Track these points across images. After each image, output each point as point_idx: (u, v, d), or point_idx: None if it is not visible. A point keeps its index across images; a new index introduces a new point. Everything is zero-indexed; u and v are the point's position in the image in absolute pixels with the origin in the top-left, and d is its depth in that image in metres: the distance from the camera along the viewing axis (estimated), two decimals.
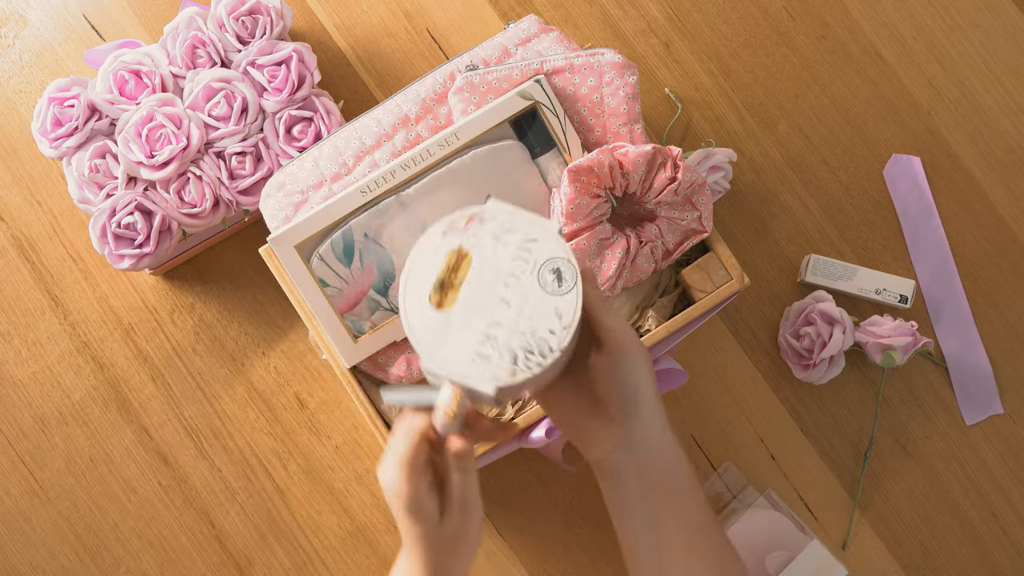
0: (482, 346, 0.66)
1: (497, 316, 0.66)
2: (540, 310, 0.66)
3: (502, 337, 0.66)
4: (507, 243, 0.67)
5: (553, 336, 0.66)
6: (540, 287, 0.67)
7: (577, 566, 1.02)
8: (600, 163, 0.84)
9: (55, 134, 0.96)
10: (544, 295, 0.67)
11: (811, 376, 1.01)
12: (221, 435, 1.03)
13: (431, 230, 0.68)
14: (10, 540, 1.02)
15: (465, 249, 0.67)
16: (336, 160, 0.89)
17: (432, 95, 0.90)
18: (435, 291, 0.67)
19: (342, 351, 0.89)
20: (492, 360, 0.65)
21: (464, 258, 0.67)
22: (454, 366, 0.66)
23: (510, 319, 0.66)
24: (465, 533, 0.71)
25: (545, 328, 0.66)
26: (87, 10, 1.08)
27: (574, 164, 0.84)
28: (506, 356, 0.66)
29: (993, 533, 1.03)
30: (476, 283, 0.67)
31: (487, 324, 0.66)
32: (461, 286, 0.67)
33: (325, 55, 1.08)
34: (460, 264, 0.67)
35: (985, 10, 1.09)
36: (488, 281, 0.67)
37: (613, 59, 0.88)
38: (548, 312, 0.66)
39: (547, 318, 0.66)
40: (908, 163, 1.07)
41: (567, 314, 0.66)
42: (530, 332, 0.66)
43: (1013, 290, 1.06)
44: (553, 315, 0.66)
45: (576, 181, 0.85)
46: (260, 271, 1.05)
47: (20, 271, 1.05)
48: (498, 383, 0.65)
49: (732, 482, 1.03)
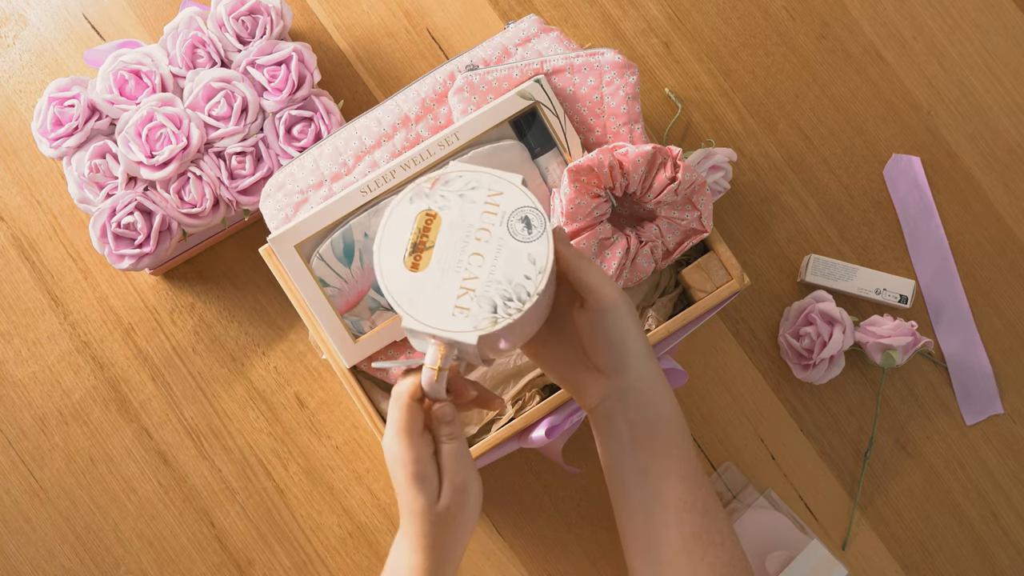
0: (460, 299, 0.67)
1: (472, 269, 0.68)
2: (513, 258, 0.68)
3: (479, 288, 0.67)
4: (474, 200, 0.69)
5: (529, 281, 0.68)
6: (511, 236, 0.69)
7: (577, 566, 1.02)
8: (600, 163, 0.84)
9: (55, 134, 0.96)
10: (516, 243, 0.68)
11: (811, 376, 1.01)
12: (221, 435, 1.03)
13: (397, 198, 0.69)
14: (10, 540, 1.02)
15: (434, 210, 0.69)
16: (336, 160, 0.89)
17: (432, 95, 0.90)
18: (408, 255, 0.68)
19: (342, 351, 0.89)
20: (472, 312, 0.67)
21: (433, 219, 0.69)
22: (435, 322, 0.67)
23: (485, 270, 0.68)
24: (462, 506, 0.71)
25: (520, 274, 0.68)
26: (87, 10, 1.08)
27: (574, 164, 0.84)
28: (485, 306, 0.67)
29: (993, 533, 1.03)
30: (447, 241, 0.68)
31: (463, 278, 0.68)
32: (434, 247, 0.68)
33: (325, 55, 1.08)
34: (430, 226, 0.69)
35: (985, 10, 1.09)
36: (459, 238, 0.69)
37: (613, 59, 0.88)
38: (522, 259, 0.68)
39: (521, 264, 0.68)
40: (908, 163, 1.07)
41: (540, 258, 0.68)
42: (506, 280, 0.68)
43: (1013, 290, 1.06)
44: (527, 261, 0.68)
45: (576, 181, 0.85)
46: (260, 271, 1.05)
47: (20, 271, 1.05)
48: (480, 332, 0.66)
49: (732, 482, 1.03)
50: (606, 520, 1.03)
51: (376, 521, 1.03)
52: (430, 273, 0.68)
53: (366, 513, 1.03)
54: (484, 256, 0.68)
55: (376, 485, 1.03)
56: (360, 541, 1.03)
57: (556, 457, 0.97)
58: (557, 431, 0.89)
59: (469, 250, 0.68)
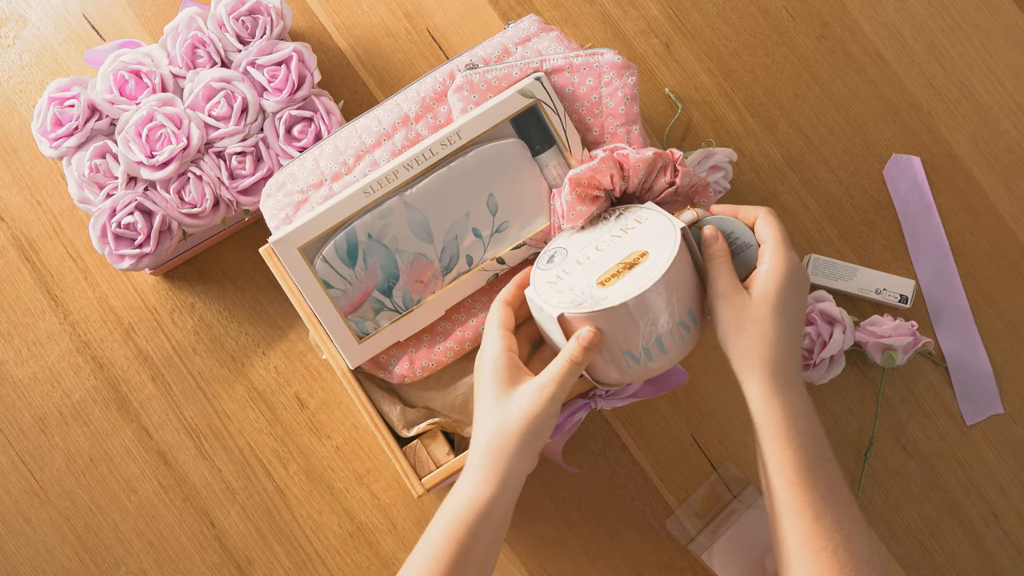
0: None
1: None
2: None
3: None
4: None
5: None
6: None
7: (577, 566, 1.02)
8: (601, 172, 0.84)
9: (55, 134, 0.96)
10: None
11: (811, 376, 1.01)
12: (221, 435, 1.03)
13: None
14: (10, 540, 1.02)
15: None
16: (336, 159, 0.89)
17: (432, 94, 0.90)
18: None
19: (346, 352, 0.89)
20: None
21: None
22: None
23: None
24: (531, 413, 0.75)
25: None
26: (87, 10, 1.08)
27: (574, 174, 0.84)
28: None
29: (993, 533, 1.03)
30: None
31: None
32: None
33: (325, 55, 1.08)
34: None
35: (985, 10, 1.09)
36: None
37: (612, 59, 0.88)
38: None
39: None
40: (908, 163, 1.07)
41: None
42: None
43: (1013, 290, 1.06)
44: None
45: (577, 188, 0.85)
46: (260, 271, 1.05)
47: (20, 271, 1.05)
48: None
49: (732, 482, 1.03)
50: (606, 520, 1.03)
51: (376, 521, 1.03)
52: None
53: (366, 513, 1.03)
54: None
55: (376, 485, 1.03)
56: (360, 541, 1.03)
57: (556, 457, 0.97)
58: (557, 431, 0.89)
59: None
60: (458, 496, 0.76)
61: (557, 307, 0.76)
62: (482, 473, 0.75)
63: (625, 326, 0.75)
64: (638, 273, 0.76)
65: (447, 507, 0.76)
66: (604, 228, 0.83)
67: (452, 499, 0.76)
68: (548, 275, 0.81)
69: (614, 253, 0.79)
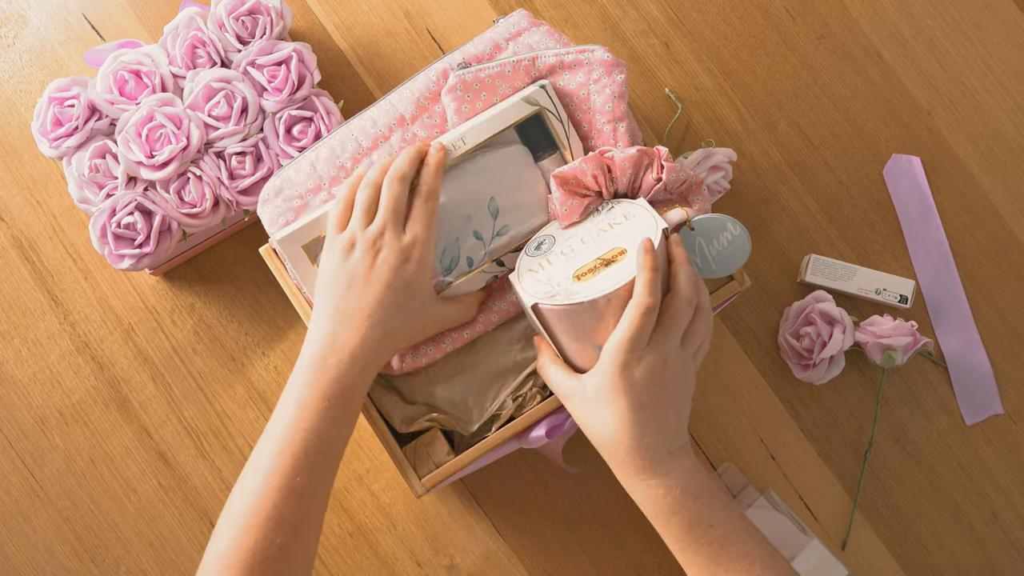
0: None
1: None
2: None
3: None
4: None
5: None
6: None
7: (577, 566, 1.02)
8: (583, 172, 0.85)
9: (55, 134, 0.96)
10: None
11: (811, 376, 1.01)
12: (221, 435, 1.03)
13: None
14: (10, 540, 1.02)
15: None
16: (334, 163, 0.89)
17: (427, 93, 0.89)
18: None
19: None
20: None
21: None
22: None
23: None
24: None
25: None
26: (87, 10, 1.08)
27: (559, 171, 0.85)
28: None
29: (993, 533, 1.03)
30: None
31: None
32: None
33: (325, 55, 1.08)
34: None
35: (985, 10, 1.09)
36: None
37: (602, 57, 0.88)
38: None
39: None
40: (908, 163, 1.07)
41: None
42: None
43: (1013, 290, 1.06)
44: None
45: (563, 185, 0.86)
46: (260, 271, 1.05)
47: (20, 271, 1.05)
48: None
49: (732, 482, 1.03)
50: (606, 520, 1.03)
51: (376, 521, 1.03)
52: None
53: (366, 513, 1.03)
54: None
55: (376, 485, 1.03)
56: (360, 541, 1.03)
57: (556, 457, 0.97)
58: (557, 431, 0.89)
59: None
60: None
61: (533, 297, 0.81)
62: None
63: (595, 321, 0.79)
64: (613, 271, 0.79)
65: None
66: (594, 221, 0.86)
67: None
68: (532, 263, 0.85)
69: (596, 248, 0.82)
